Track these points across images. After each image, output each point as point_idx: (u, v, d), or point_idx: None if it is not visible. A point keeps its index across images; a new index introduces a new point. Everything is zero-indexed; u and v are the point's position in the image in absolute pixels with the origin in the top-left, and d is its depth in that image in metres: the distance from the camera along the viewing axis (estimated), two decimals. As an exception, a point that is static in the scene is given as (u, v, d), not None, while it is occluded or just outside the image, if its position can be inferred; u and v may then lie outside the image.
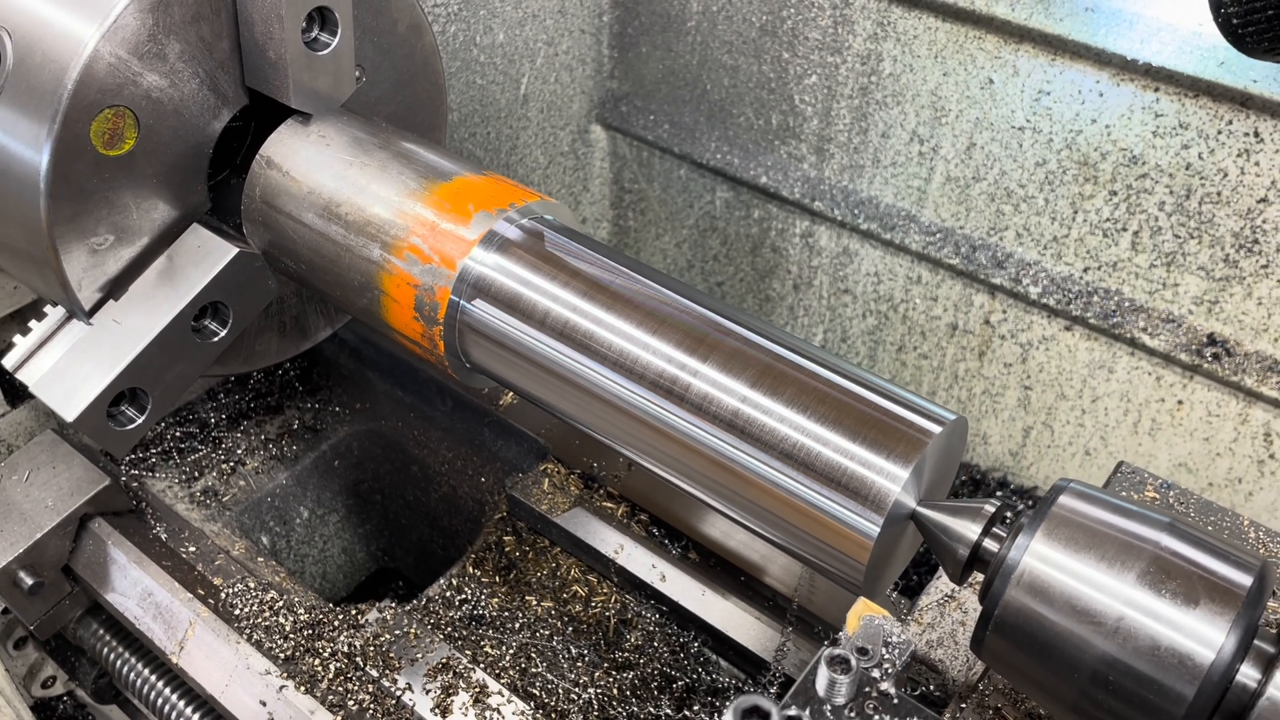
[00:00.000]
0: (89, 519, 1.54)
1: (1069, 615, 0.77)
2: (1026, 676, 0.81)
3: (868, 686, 0.71)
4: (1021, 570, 0.79)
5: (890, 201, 2.11)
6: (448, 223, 1.04)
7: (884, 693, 0.71)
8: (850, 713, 0.71)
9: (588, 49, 2.33)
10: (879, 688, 0.71)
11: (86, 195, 1.10)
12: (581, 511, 1.59)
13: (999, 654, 0.82)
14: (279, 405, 1.93)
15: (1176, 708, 0.74)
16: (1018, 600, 0.79)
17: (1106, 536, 0.78)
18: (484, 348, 1.06)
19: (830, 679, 0.70)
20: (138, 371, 1.14)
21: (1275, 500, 1.94)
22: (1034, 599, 0.78)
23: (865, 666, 0.72)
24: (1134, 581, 0.76)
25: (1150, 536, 0.78)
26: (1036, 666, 0.79)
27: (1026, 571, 0.79)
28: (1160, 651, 0.74)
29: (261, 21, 1.11)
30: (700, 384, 0.93)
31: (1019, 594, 0.79)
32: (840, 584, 0.90)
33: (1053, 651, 0.78)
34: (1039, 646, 0.78)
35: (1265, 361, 1.81)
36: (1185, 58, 1.67)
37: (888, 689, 0.71)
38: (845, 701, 0.71)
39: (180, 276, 1.16)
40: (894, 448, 0.85)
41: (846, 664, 0.70)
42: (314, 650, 1.42)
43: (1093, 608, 0.76)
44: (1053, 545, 0.79)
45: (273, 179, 1.16)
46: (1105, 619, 0.76)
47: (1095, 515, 0.80)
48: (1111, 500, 0.81)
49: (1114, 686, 0.75)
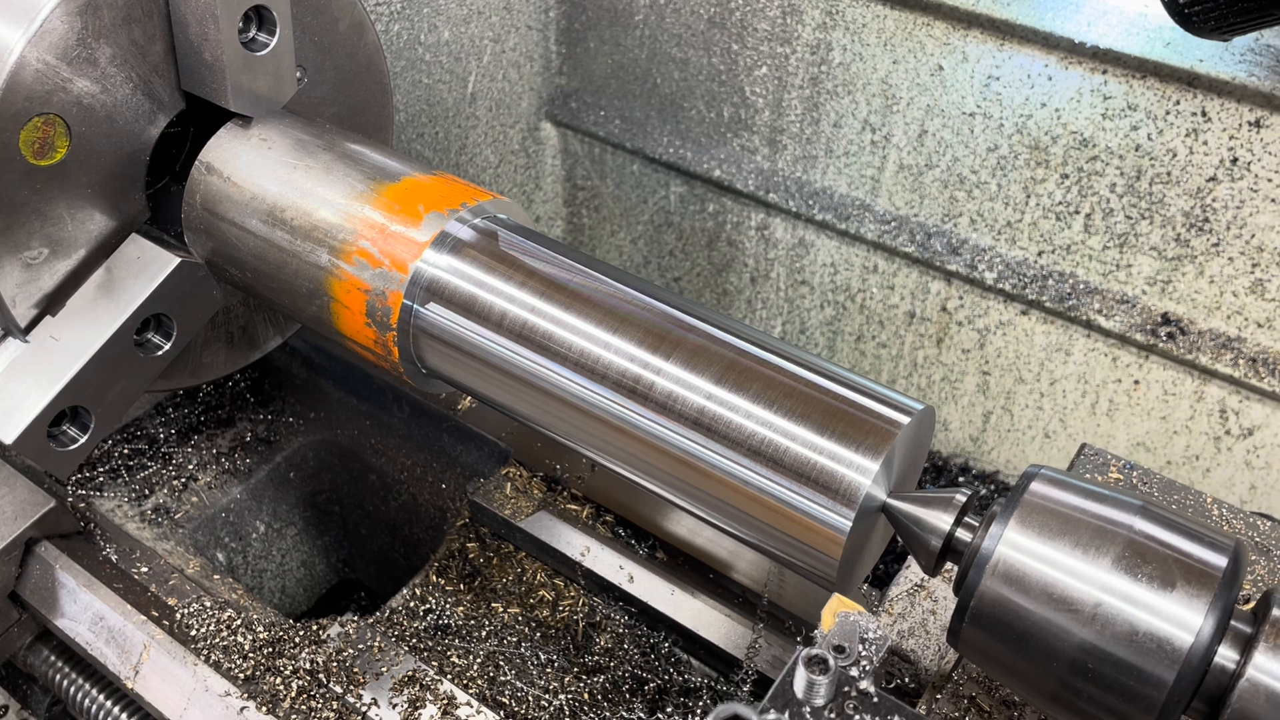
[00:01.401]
0: (35, 543, 1.48)
1: (1046, 603, 0.76)
2: (1004, 667, 0.80)
3: (846, 686, 0.70)
4: (996, 560, 0.78)
5: (844, 191, 2.11)
6: (398, 225, 1.01)
7: (863, 692, 0.69)
8: (830, 713, 0.69)
9: (535, 45, 2.30)
10: (858, 686, 0.69)
11: (17, 207, 1.06)
12: (546, 515, 1.57)
13: (976, 645, 0.81)
14: (230, 418, 1.88)
15: (1157, 692, 0.73)
16: (993, 590, 0.78)
17: (1080, 522, 0.77)
18: (440, 352, 1.03)
19: (809, 680, 0.68)
20: (79, 389, 1.10)
21: (1232, 476, 1.96)
22: (1010, 588, 0.77)
23: (843, 665, 0.70)
24: (1109, 567, 0.75)
25: (1124, 520, 0.77)
26: (1014, 656, 0.78)
27: (1001, 561, 0.78)
28: (1139, 636, 0.73)
29: (196, 22, 1.07)
30: (664, 382, 0.90)
31: (994, 584, 0.78)
32: (813, 580, 0.88)
33: (1030, 641, 0.77)
34: (1016, 636, 0.77)
35: (1219, 339, 1.83)
36: (1132, 39, 1.67)
37: (867, 688, 0.69)
38: (825, 702, 0.69)
39: (120, 289, 1.12)
40: (863, 440, 0.84)
41: (825, 664, 0.68)
42: (275, 669, 1.38)
43: (1069, 595, 0.75)
44: (1026, 533, 0.78)
45: (213, 185, 1.12)
46: (1082, 606, 0.75)
47: (1068, 501, 0.79)
48: (1083, 485, 0.80)
49: (1093, 674, 0.75)
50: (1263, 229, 1.71)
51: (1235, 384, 1.85)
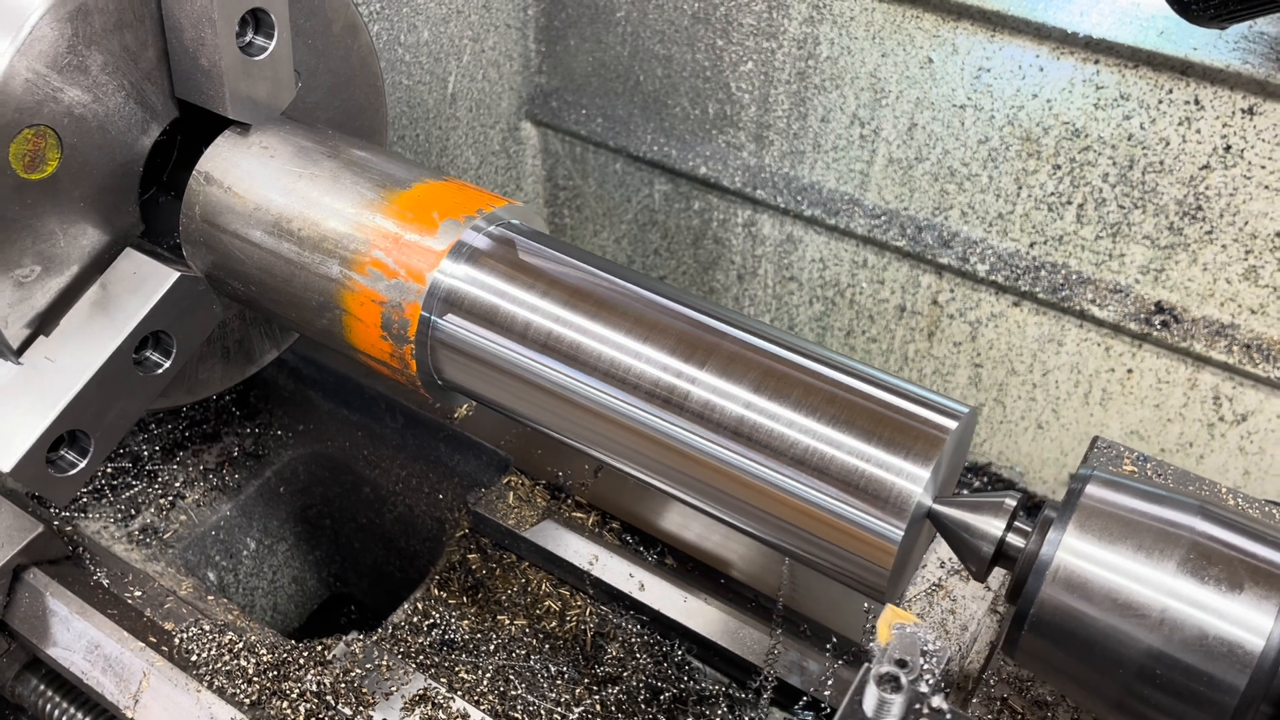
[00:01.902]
0: (23, 570, 1.43)
1: (1110, 610, 0.74)
2: (1066, 675, 0.78)
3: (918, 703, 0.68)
4: (1056, 566, 0.76)
5: (833, 186, 2.09)
6: (412, 234, 0.98)
7: (936, 709, 0.67)
8: (904, 733, 0.67)
9: (514, 44, 2.26)
10: (930, 703, 0.67)
11: (8, 224, 1.01)
12: (551, 524, 1.54)
13: (1036, 654, 0.79)
14: (216, 433, 1.83)
15: (1229, 698, 0.71)
16: (1054, 598, 0.76)
17: (1140, 525, 0.76)
18: (460, 365, 0.99)
19: (880, 699, 0.66)
20: (77, 412, 1.05)
21: (1226, 462, 1.97)
22: (1072, 595, 0.76)
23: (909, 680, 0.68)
24: (1175, 570, 0.73)
25: (1185, 522, 0.75)
26: (1077, 664, 0.76)
27: (1062, 567, 0.76)
28: (1209, 641, 0.71)
29: (191, 27, 1.02)
30: (700, 391, 0.88)
31: (1055, 591, 0.76)
32: (861, 591, 0.86)
33: (1095, 648, 0.75)
34: (1080, 644, 0.76)
35: (1213, 326, 1.83)
36: (1124, 28, 1.67)
37: (940, 705, 0.67)
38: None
39: (116, 306, 1.07)
40: (911, 446, 0.82)
41: (897, 682, 0.66)
42: (281, 692, 1.34)
43: (1135, 600, 0.73)
44: (1086, 539, 0.76)
45: (213, 196, 1.07)
46: (1149, 611, 0.73)
47: (1126, 504, 0.77)
48: (1139, 487, 0.79)
49: (1162, 680, 0.73)
50: (1256, 216, 1.71)
51: (1229, 370, 1.86)
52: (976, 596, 1.32)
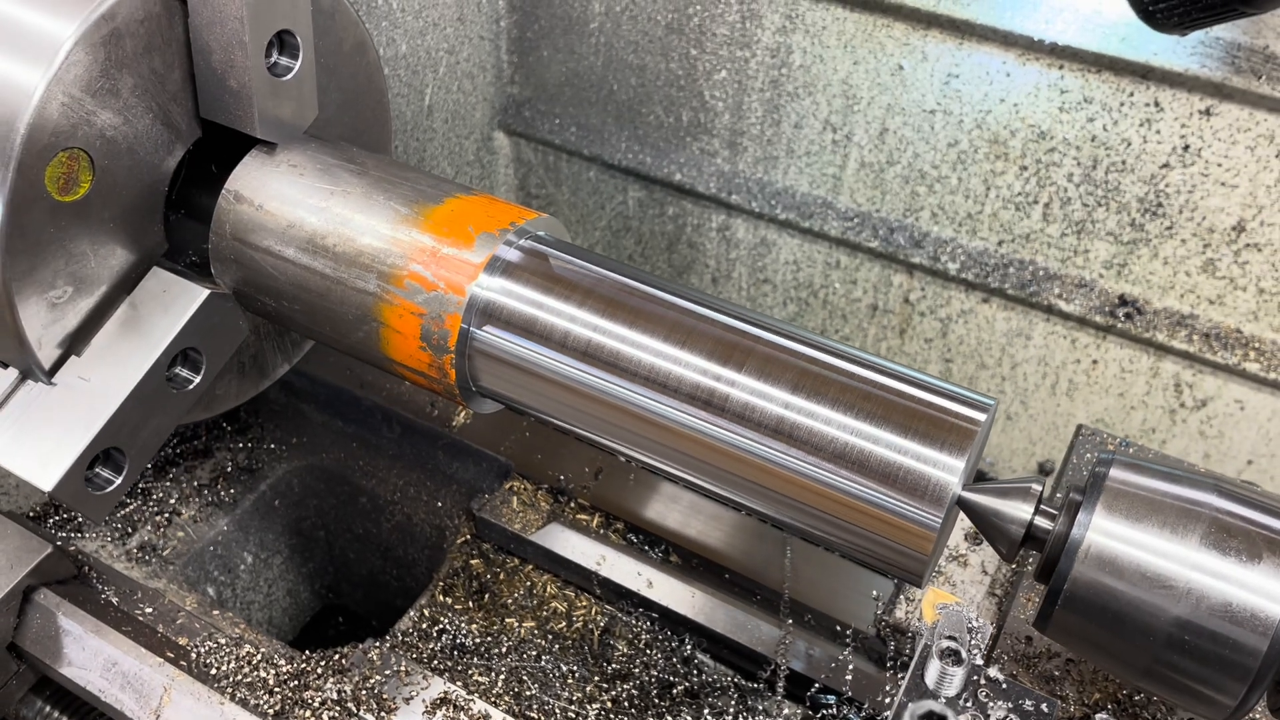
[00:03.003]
0: (33, 590, 1.43)
1: (1140, 584, 0.80)
2: (1098, 646, 0.84)
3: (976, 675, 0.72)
4: (1088, 546, 0.82)
5: (806, 190, 2.15)
6: (450, 248, 1.01)
7: (993, 679, 0.72)
8: (965, 701, 0.72)
9: (487, 55, 2.29)
10: (986, 674, 0.72)
11: (43, 246, 1.02)
12: (557, 526, 1.57)
13: (1069, 629, 0.85)
14: (207, 448, 1.83)
15: (1251, 661, 0.78)
16: (1086, 575, 0.82)
17: (1163, 504, 0.82)
18: (499, 374, 1.03)
19: (942, 671, 0.71)
20: (114, 430, 1.06)
21: (1187, 446, 2.07)
22: (1103, 572, 0.81)
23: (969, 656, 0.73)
24: (1198, 544, 0.80)
25: (1204, 500, 0.81)
26: (1110, 636, 0.82)
27: (1093, 546, 0.82)
28: (1233, 609, 0.77)
29: (221, 49, 1.04)
30: (739, 393, 0.92)
31: (1087, 569, 0.82)
32: (899, 577, 0.91)
33: (1125, 620, 0.81)
34: (1111, 617, 0.81)
35: (1173, 317, 1.92)
36: (1088, 35, 1.75)
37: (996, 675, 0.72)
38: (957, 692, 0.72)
39: (148, 324, 1.09)
40: (945, 439, 0.87)
41: (958, 656, 0.71)
42: (303, 701, 1.35)
43: (1163, 574, 0.79)
44: (1114, 518, 0.82)
45: (244, 214, 1.09)
46: (1175, 584, 0.79)
47: (1148, 485, 0.83)
48: (1158, 468, 0.85)
49: (1189, 647, 0.79)
50: (1213, 211, 1.80)
51: (1189, 359, 1.95)
52: (975, 581, 1.38)
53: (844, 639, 1.41)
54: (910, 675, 0.74)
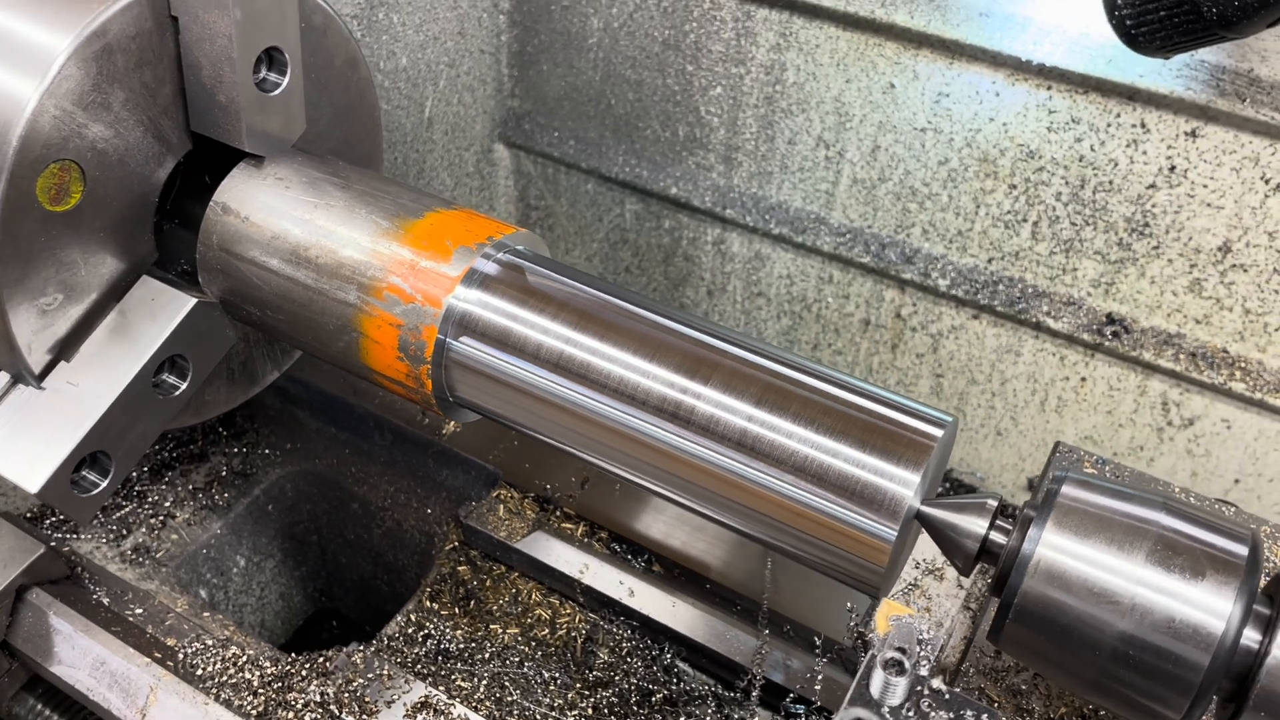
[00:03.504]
0: (25, 590, 1.46)
1: (1086, 598, 0.82)
2: (1047, 659, 0.86)
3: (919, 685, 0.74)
4: (1037, 560, 0.84)
5: (799, 205, 2.17)
6: (428, 260, 1.04)
7: (936, 690, 0.74)
8: (908, 711, 0.74)
9: (488, 69, 2.32)
10: (930, 685, 0.74)
11: (34, 254, 1.05)
12: (542, 535, 1.59)
13: (1019, 641, 0.86)
14: (203, 452, 1.87)
15: (1193, 675, 0.79)
16: (1036, 589, 0.84)
17: (1111, 521, 0.84)
18: (474, 385, 1.05)
19: (886, 681, 0.73)
20: (100, 434, 1.09)
21: (1174, 464, 2.08)
22: (1051, 586, 0.83)
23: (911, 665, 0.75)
24: (1143, 561, 0.81)
25: (1151, 517, 0.83)
26: (1057, 649, 0.84)
27: (1042, 561, 0.84)
28: (1175, 625, 0.79)
29: (210, 65, 1.08)
30: (705, 406, 0.95)
31: (1036, 583, 0.84)
32: (857, 588, 0.93)
33: (1073, 634, 0.83)
34: (1059, 630, 0.83)
35: (1160, 336, 1.94)
36: (1075, 57, 1.77)
37: (939, 686, 0.74)
38: (900, 702, 0.74)
39: (136, 331, 1.12)
40: (902, 454, 0.89)
41: (901, 666, 0.73)
42: (286, 703, 1.38)
43: (1109, 589, 0.81)
44: (1063, 534, 0.84)
45: (231, 225, 1.12)
46: (1121, 599, 0.81)
47: (1098, 502, 0.85)
48: (1109, 486, 0.87)
49: (1134, 661, 0.81)
50: (1199, 232, 1.82)
51: (1176, 378, 1.96)
52: (950, 595, 1.40)
53: (821, 649, 1.43)
54: (856, 684, 0.76)
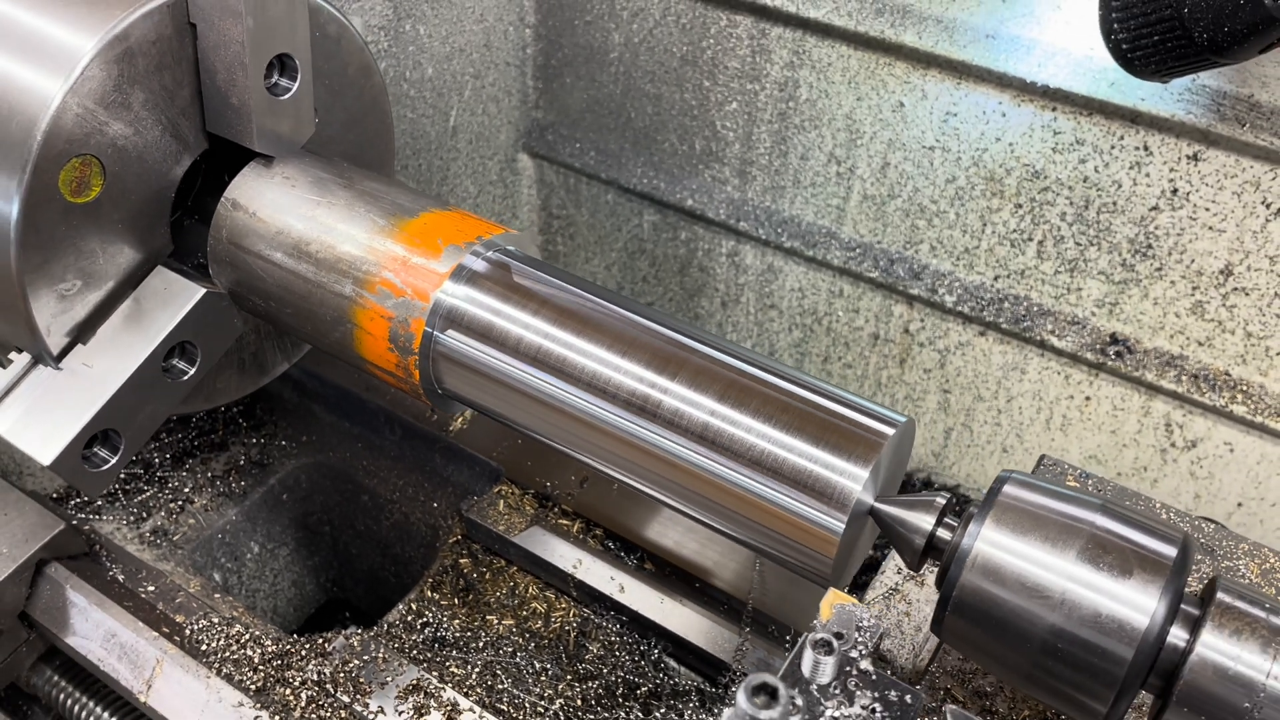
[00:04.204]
0: (45, 564, 1.53)
1: (1019, 593, 0.85)
2: (983, 651, 0.89)
3: (848, 666, 0.78)
4: (975, 555, 0.88)
5: (811, 220, 2.22)
6: (419, 257, 1.10)
7: (863, 671, 0.78)
8: (834, 689, 0.78)
9: (513, 81, 2.39)
10: (858, 666, 0.78)
11: (55, 242, 1.13)
12: (539, 529, 1.65)
13: (957, 633, 0.90)
14: (223, 442, 1.94)
15: (1118, 668, 0.83)
16: (972, 582, 0.88)
17: (1048, 520, 0.87)
18: (458, 376, 1.11)
19: (815, 660, 0.77)
20: (111, 413, 1.16)
21: (1178, 486, 2.09)
22: (987, 580, 0.87)
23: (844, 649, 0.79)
24: (1075, 558, 0.85)
25: (1086, 517, 0.87)
26: (992, 641, 0.87)
27: (979, 556, 0.87)
28: (1101, 619, 0.83)
29: (224, 69, 1.15)
30: (671, 401, 0.99)
31: (973, 577, 0.88)
32: (809, 578, 0.97)
33: (1006, 626, 0.86)
34: (994, 623, 0.87)
35: (1163, 357, 1.95)
36: (1079, 79, 1.80)
37: (866, 667, 0.78)
38: (829, 680, 0.78)
39: (148, 318, 1.19)
40: (853, 450, 0.93)
41: (829, 646, 0.77)
42: (284, 680, 1.44)
43: (1040, 584, 0.85)
44: (1001, 530, 0.88)
45: (239, 220, 1.19)
46: (1051, 593, 0.84)
47: (1037, 501, 0.89)
48: (1050, 487, 0.90)
49: (1062, 653, 0.84)
50: (1201, 254, 1.84)
51: (1179, 399, 1.98)
52: (930, 600, 1.43)
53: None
54: (789, 663, 0.80)
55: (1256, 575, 1.35)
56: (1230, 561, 1.35)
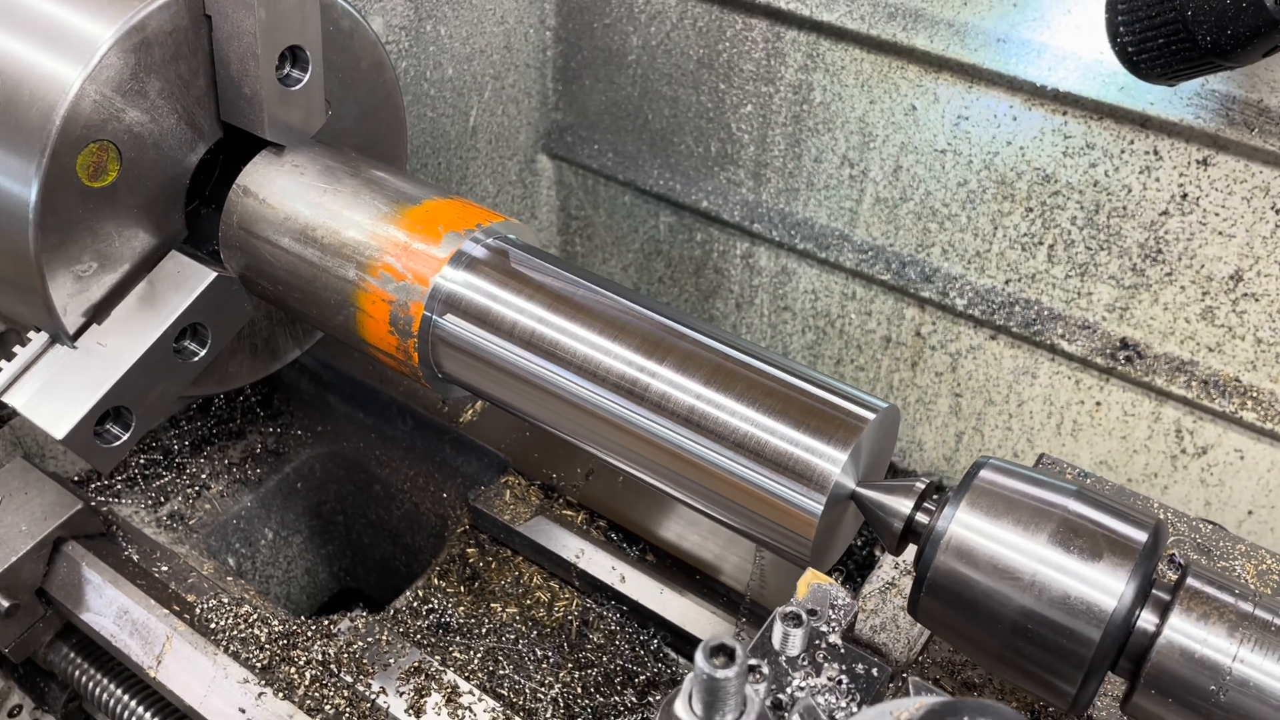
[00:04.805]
0: (62, 542, 1.58)
1: (990, 574, 0.87)
2: (957, 632, 0.91)
3: (818, 640, 0.80)
4: (949, 537, 0.89)
5: (824, 222, 2.23)
6: (419, 243, 1.13)
7: (832, 644, 0.80)
8: (803, 661, 0.80)
9: (533, 82, 2.42)
10: (828, 640, 0.80)
11: (72, 225, 1.17)
12: (543, 520, 1.67)
13: (932, 614, 0.91)
14: (241, 430, 1.98)
15: (1085, 650, 0.84)
16: (946, 564, 0.89)
17: (1021, 504, 0.89)
18: (456, 359, 1.14)
19: (784, 633, 0.79)
20: (122, 391, 1.20)
21: (1188, 493, 2.08)
22: (960, 562, 0.88)
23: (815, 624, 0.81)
24: (1045, 541, 0.86)
25: (1059, 502, 0.88)
26: (965, 622, 0.89)
27: (953, 538, 0.89)
28: (1070, 601, 0.84)
29: (238, 60, 1.19)
30: (658, 384, 1.02)
31: (947, 558, 0.89)
32: (790, 559, 0.99)
33: (978, 607, 0.88)
34: (966, 604, 0.88)
35: (1173, 362, 1.95)
36: (1089, 83, 1.81)
37: (835, 641, 0.80)
38: (798, 653, 0.80)
39: (161, 300, 1.23)
40: (833, 434, 0.95)
41: (798, 619, 0.79)
42: (289, 659, 1.47)
43: (1011, 566, 0.86)
44: (975, 514, 0.89)
45: (249, 206, 1.23)
46: (1022, 575, 0.86)
47: (1011, 486, 0.90)
48: (1025, 472, 0.92)
49: (1032, 634, 0.86)
50: (1211, 260, 1.84)
51: (1189, 405, 1.97)
52: (925, 595, 1.44)
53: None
54: (759, 635, 0.82)
55: (1252, 576, 1.35)
56: (1226, 562, 1.35)
